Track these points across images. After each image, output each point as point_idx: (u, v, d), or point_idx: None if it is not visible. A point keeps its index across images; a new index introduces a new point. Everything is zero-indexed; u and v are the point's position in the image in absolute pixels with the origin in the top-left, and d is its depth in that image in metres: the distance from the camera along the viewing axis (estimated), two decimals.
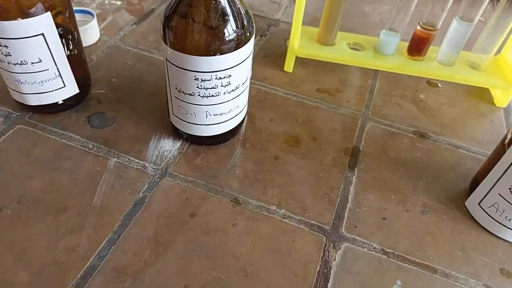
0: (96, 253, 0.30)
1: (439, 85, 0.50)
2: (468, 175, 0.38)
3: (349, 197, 0.36)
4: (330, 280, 0.30)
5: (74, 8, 0.50)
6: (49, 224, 0.32)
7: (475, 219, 0.35)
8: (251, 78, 0.47)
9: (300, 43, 0.47)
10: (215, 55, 0.31)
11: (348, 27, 0.58)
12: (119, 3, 0.58)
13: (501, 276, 0.32)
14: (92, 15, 0.50)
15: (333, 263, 0.31)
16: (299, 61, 0.49)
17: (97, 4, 0.57)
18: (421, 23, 0.45)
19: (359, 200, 0.36)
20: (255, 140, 0.40)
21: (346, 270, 0.31)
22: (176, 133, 0.39)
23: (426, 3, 0.43)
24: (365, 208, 0.35)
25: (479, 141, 0.43)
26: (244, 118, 0.40)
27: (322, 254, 0.32)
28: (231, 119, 0.37)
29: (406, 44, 0.47)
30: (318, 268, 0.31)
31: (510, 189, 0.32)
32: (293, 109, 0.44)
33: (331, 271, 0.31)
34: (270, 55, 0.51)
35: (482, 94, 0.49)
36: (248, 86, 0.37)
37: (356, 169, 0.38)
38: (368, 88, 0.48)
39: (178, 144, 0.39)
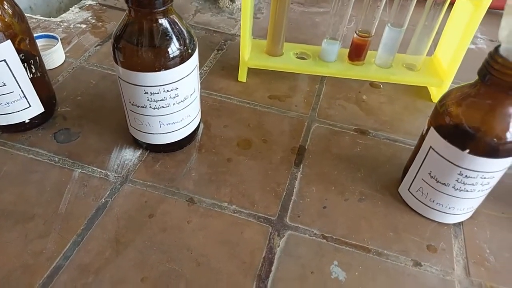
0: (61, 255, 0.33)
1: (381, 86, 0.54)
2: (403, 165, 0.42)
3: (294, 190, 0.40)
4: (274, 263, 0.34)
5: (40, 33, 0.54)
6: (17, 232, 0.34)
7: (407, 204, 0.39)
8: (206, 89, 0.51)
9: (250, 55, 0.52)
10: (160, 70, 0.34)
11: (300, 38, 0.63)
12: (84, 26, 0.62)
13: (428, 252, 0.36)
14: (57, 39, 0.53)
15: (277, 249, 0.35)
16: (252, 71, 0.53)
17: (63, 28, 0.61)
18: (357, 31, 0.50)
19: (302, 193, 0.39)
20: (210, 145, 0.44)
21: (288, 254, 0.34)
22: (136, 143, 0.43)
23: (360, 12, 0.48)
24: (308, 200, 0.39)
25: (414, 134, 0.47)
26: (198, 126, 0.44)
27: (267, 242, 0.35)
28: (184, 127, 0.40)
29: (347, 50, 0.52)
30: (264, 254, 0.34)
31: (429, 173, 0.36)
32: (246, 115, 0.48)
33: (275, 256, 0.34)
34: (226, 67, 0.56)
35: (420, 92, 0.54)
36: (198, 96, 0.41)
37: (301, 165, 0.42)
38: (315, 92, 0.52)
39: (138, 153, 0.42)
